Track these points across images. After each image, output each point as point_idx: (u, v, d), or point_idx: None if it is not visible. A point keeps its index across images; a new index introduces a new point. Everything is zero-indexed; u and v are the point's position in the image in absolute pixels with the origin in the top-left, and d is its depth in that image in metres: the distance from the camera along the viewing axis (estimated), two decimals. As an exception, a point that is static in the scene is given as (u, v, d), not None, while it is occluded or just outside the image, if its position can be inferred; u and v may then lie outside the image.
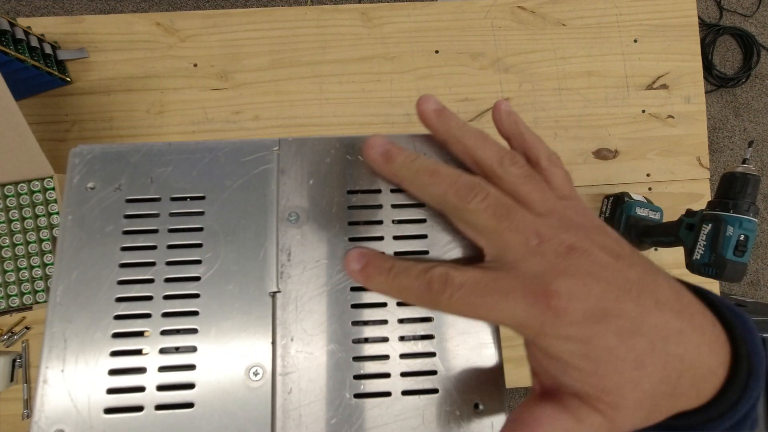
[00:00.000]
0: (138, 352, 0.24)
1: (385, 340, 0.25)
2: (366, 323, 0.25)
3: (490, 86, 0.74)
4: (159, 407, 0.23)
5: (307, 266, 0.25)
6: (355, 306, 0.25)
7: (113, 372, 0.23)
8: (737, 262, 0.51)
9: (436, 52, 0.74)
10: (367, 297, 0.25)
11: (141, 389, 0.23)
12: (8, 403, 0.66)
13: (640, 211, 0.67)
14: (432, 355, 0.25)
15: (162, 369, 0.23)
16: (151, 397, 0.23)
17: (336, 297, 0.25)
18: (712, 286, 0.74)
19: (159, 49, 0.71)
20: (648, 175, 0.75)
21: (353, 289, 0.25)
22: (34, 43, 0.63)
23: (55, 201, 0.60)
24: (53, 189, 0.61)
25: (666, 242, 0.61)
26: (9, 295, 0.60)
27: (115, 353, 0.23)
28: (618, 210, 0.68)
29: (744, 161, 0.53)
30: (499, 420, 0.24)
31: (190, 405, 0.23)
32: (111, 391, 0.23)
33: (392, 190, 0.27)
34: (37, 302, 0.60)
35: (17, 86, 0.59)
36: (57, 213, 0.60)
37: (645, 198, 0.70)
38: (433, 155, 0.28)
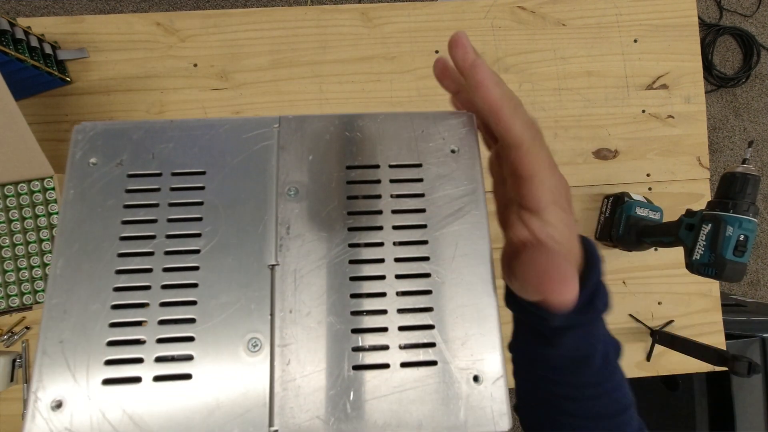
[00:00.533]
0: (137, 323, 0.24)
1: (383, 312, 0.25)
2: (365, 296, 0.25)
3: (490, 86, 0.74)
4: (157, 378, 0.23)
5: (306, 239, 0.26)
6: (353, 279, 0.25)
7: (112, 343, 0.23)
8: (737, 262, 0.51)
9: (436, 52, 0.74)
10: (366, 270, 0.25)
11: (139, 361, 0.23)
12: (8, 403, 0.66)
13: (640, 211, 0.67)
14: (431, 327, 0.25)
15: (160, 341, 0.23)
16: (149, 368, 0.23)
17: (335, 270, 0.25)
18: (712, 286, 0.74)
19: (159, 49, 0.71)
20: (648, 175, 0.75)
21: (352, 261, 0.25)
22: (34, 43, 0.63)
23: (55, 201, 0.60)
24: (53, 189, 0.61)
25: (666, 242, 0.61)
26: (9, 295, 0.60)
27: (114, 325, 0.23)
28: (618, 210, 0.68)
29: (744, 161, 0.53)
30: (499, 391, 0.24)
31: (188, 376, 0.23)
32: (109, 362, 0.23)
33: (390, 166, 0.28)
34: (37, 302, 0.60)
35: (17, 86, 0.59)
36: (57, 213, 0.60)
37: (645, 198, 0.70)
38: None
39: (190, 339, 0.24)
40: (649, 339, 0.73)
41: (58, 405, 0.22)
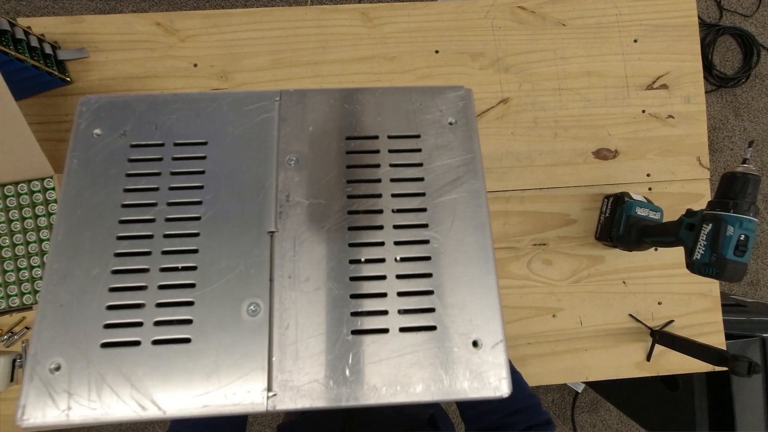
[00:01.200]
0: (137, 288, 0.24)
1: (383, 278, 0.25)
2: (364, 262, 0.25)
3: (490, 86, 0.74)
4: (156, 342, 0.23)
5: (306, 207, 0.26)
6: (352, 245, 0.25)
7: (112, 307, 0.24)
8: (737, 262, 0.51)
9: (436, 52, 0.74)
10: (365, 236, 0.26)
11: (139, 324, 0.23)
12: (8, 403, 0.66)
13: (640, 211, 0.67)
14: (430, 292, 0.25)
15: (160, 305, 0.24)
16: (148, 332, 0.23)
17: (334, 236, 0.26)
18: (712, 286, 0.74)
19: (159, 49, 0.71)
20: (648, 175, 0.75)
21: (351, 228, 0.26)
22: (34, 43, 0.63)
23: (55, 201, 0.60)
24: (53, 189, 0.61)
25: (666, 242, 0.61)
26: (9, 295, 0.60)
27: (114, 289, 0.24)
28: (618, 210, 0.68)
29: (744, 161, 0.53)
30: (499, 356, 0.24)
31: (187, 340, 0.23)
32: (109, 326, 0.23)
33: (389, 136, 0.28)
34: (38, 302, 0.60)
35: (17, 86, 0.59)
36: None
37: (645, 198, 0.70)
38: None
39: (190, 303, 0.24)
40: (649, 339, 0.73)
41: (57, 368, 0.22)
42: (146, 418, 0.21)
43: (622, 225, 0.67)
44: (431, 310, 0.24)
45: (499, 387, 0.23)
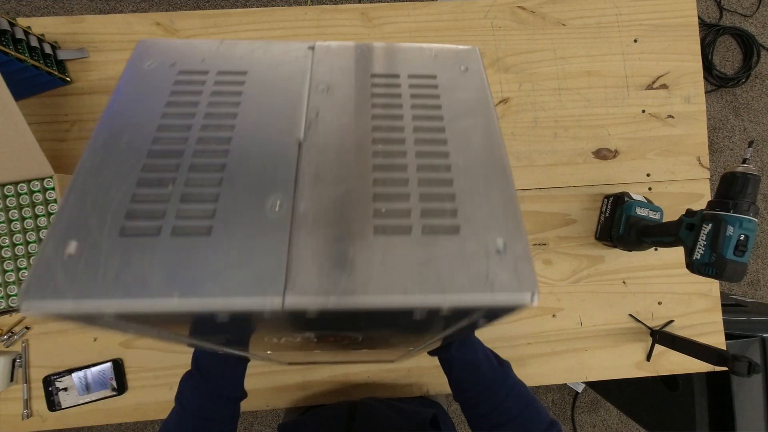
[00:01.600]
0: (164, 183, 0.24)
1: (405, 182, 0.26)
2: (387, 168, 0.26)
3: (490, 86, 0.74)
4: (176, 233, 0.23)
5: (333, 122, 0.28)
6: (376, 154, 0.27)
7: (136, 199, 0.24)
8: (737, 261, 0.51)
9: (436, 52, 0.74)
10: (388, 147, 0.27)
11: (161, 214, 0.23)
12: (8, 403, 0.66)
13: (640, 211, 0.67)
14: (451, 197, 0.25)
15: (185, 198, 0.24)
16: (169, 222, 0.23)
17: (358, 145, 0.27)
18: (712, 286, 0.74)
19: (159, 49, 0.71)
20: (648, 175, 0.75)
21: (375, 141, 0.28)
22: (34, 43, 0.63)
23: (55, 201, 0.60)
24: (53, 189, 0.60)
25: (666, 242, 0.61)
26: (9, 295, 0.60)
27: (141, 182, 0.24)
28: (618, 210, 0.68)
29: (744, 161, 0.53)
30: (525, 265, 0.23)
31: (207, 232, 0.23)
32: (130, 214, 0.23)
33: (409, 75, 0.31)
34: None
35: (17, 86, 0.59)
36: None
37: (645, 198, 0.70)
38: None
39: (215, 197, 0.24)
40: (649, 339, 0.73)
41: (72, 253, 0.22)
42: (157, 311, 0.21)
43: (622, 225, 0.67)
44: (454, 212, 0.25)
45: (524, 296, 0.22)
